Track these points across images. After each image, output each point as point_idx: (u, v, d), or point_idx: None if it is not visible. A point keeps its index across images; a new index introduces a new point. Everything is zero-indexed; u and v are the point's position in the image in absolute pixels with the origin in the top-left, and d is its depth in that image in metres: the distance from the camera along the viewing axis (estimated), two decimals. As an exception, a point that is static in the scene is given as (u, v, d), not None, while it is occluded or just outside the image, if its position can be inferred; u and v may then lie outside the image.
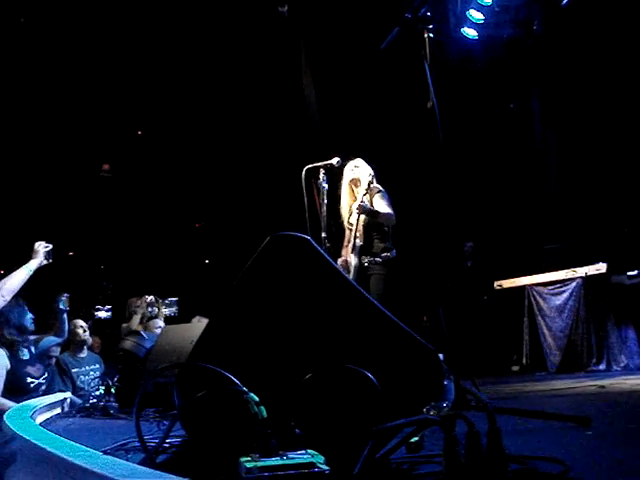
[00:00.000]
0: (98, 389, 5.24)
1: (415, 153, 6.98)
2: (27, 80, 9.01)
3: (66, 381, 6.60)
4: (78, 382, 6.68)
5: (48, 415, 4.55)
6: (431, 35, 3.81)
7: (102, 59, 9.74)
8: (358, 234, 5.93)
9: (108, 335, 8.67)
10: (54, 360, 6.84)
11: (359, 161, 6.18)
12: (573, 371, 7.32)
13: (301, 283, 2.09)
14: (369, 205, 5.86)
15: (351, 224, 6.02)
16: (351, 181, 6.14)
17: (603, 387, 5.29)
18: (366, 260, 5.96)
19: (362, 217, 5.90)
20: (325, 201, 5.99)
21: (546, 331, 7.88)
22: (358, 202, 5.86)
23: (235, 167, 10.95)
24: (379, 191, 6.02)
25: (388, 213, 5.90)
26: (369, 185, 5.86)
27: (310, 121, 9.30)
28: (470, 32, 9.44)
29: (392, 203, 6.03)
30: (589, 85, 9.16)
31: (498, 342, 8.75)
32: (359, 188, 5.98)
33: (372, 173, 5.91)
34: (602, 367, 7.29)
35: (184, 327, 5.78)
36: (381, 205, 5.92)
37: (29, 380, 5.84)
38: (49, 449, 2.02)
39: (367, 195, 5.87)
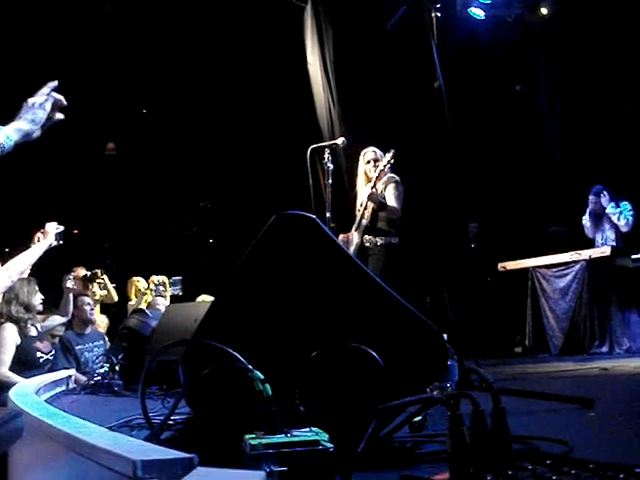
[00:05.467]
0: (102, 366, 5.27)
1: (421, 133, 6.97)
2: (31, 56, 8.97)
3: (70, 359, 6.63)
4: (82, 359, 6.71)
5: (53, 392, 4.56)
6: (438, 15, 3.79)
7: (108, 36, 9.70)
8: (366, 215, 6.01)
9: (113, 314, 8.70)
10: (57, 339, 6.88)
11: (378, 152, 6.24)
12: (575, 353, 7.34)
13: (306, 262, 2.09)
14: (380, 196, 5.93)
15: (362, 206, 6.10)
16: (368, 163, 6.18)
17: (606, 369, 5.30)
18: (367, 240, 6.02)
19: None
20: (330, 181, 6.03)
21: (549, 313, 7.89)
22: (369, 187, 5.94)
23: (241, 146, 10.92)
24: (395, 181, 6.08)
25: (394, 208, 6.01)
26: (382, 171, 5.91)
27: (315, 100, 9.26)
28: (477, 12, 9.38)
29: (404, 195, 6.09)
30: (595, 66, 9.11)
31: (501, 324, 8.77)
32: (375, 171, 6.03)
33: (390, 161, 5.92)
34: (604, 350, 7.31)
35: (188, 306, 5.80)
36: (391, 197, 6.03)
37: (39, 355, 5.90)
38: (54, 425, 2.03)
39: (380, 181, 5.94)
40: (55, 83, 2.56)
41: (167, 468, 1.35)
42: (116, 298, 8.81)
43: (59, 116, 2.60)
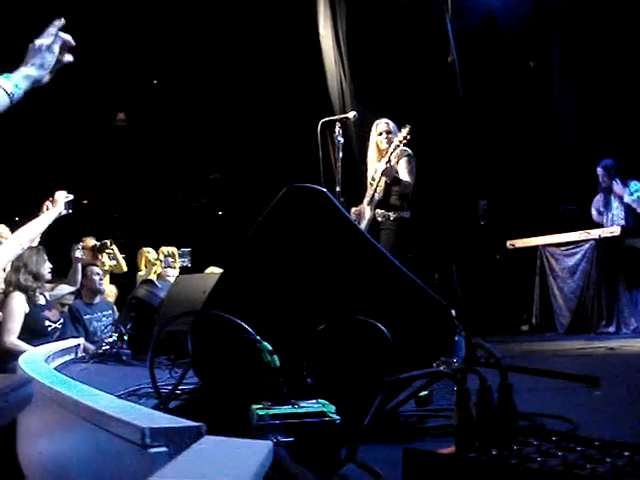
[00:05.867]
0: (111, 336, 5.30)
1: (433, 108, 6.92)
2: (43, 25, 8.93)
3: (78, 328, 6.67)
4: (90, 328, 6.76)
5: (61, 360, 4.60)
6: (453, -12, 3.75)
7: (120, 8, 9.65)
8: (379, 189, 6.01)
9: (122, 284, 8.74)
10: (66, 308, 6.93)
11: (391, 124, 6.20)
12: (582, 332, 7.34)
13: (316, 234, 2.09)
14: (393, 171, 5.92)
15: (374, 179, 6.09)
16: (380, 134, 6.16)
17: (612, 349, 5.31)
18: (380, 214, 6.02)
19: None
20: (340, 155, 6.02)
21: (557, 292, 7.88)
22: (384, 162, 5.92)
23: (251, 119, 10.89)
24: (407, 155, 6.07)
25: (407, 182, 6.02)
26: (397, 146, 5.89)
27: (327, 73, 9.21)
28: (492, -14, 9.29)
29: (416, 168, 6.08)
30: (610, 44, 9.01)
31: (509, 301, 8.76)
32: (389, 146, 6.01)
33: (406, 137, 5.89)
34: (612, 329, 7.31)
35: (197, 277, 5.81)
36: (404, 171, 6.02)
37: (47, 324, 5.94)
38: (64, 392, 2.05)
39: (394, 153, 5.92)
40: (62, 21, 2.37)
41: (175, 436, 1.36)
42: (125, 268, 8.86)
43: (68, 58, 2.43)
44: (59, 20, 2.39)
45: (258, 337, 1.79)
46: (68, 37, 2.41)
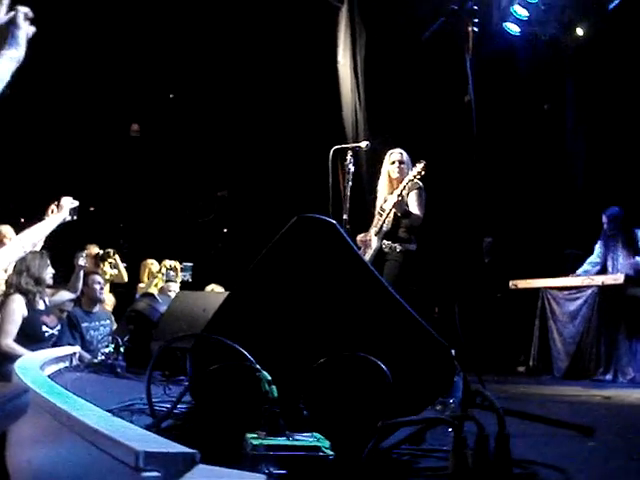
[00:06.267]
0: (107, 346, 5.29)
1: (446, 145, 6.95)
2: (63, 36, 9.00)
3: (75, 335, 6.66)
4: (87, 336, 6.74)
5: (56, 367, 4.59)
6: (475, 29, 3.78)
7: (146, 22, 9.75)
8: (388, 220, 6.01)
9: (121, 294, 8.74)
10: (65, 314, 6.92)
11: (404, 154, 6.22)
12: (579, 378, 7.29)
13: (323, 267, 2.10)
14: (404, 204, 5.91)
15: (383, 210, 6.09)
16: (392, 163, 6.18)
17: (609, 398, 5.28)
18: (387, 245, 6.03)
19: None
20: (350, 183, 6.05)
21: (556, 335, 7.86)
22: (395, 195, 5.92)
23: (264, 139, 10.93)
24: (418, 187, 6.06)
25: (417, 215, 6.02)
26: (410, 181, 5.89)
27: (342, 101, 9.27)
28: (513, 27, 9.36)
29: (425, 202, 6.09)
30: (625, 91, 9.06)
31: (507, 341, 8.73)
32: (400, 176, 6.04)
33: (420, 173, 5.88)
34: (609, 377, 7.26)
35: (197, 294, 5.82)
36: (414, 204, 6.02)
37: (44, 329, 5.93)
38: (59, 404, 2.04)
39: (405, 189, 5.92)
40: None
41: (169, 461, 1.35)
42: (126, 279, 8.86)
43: (31, 29, 2.46)
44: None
45: (258, 366, 1.79)
46: (26, 9, 2.48)
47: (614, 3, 8.87)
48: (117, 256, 8.55)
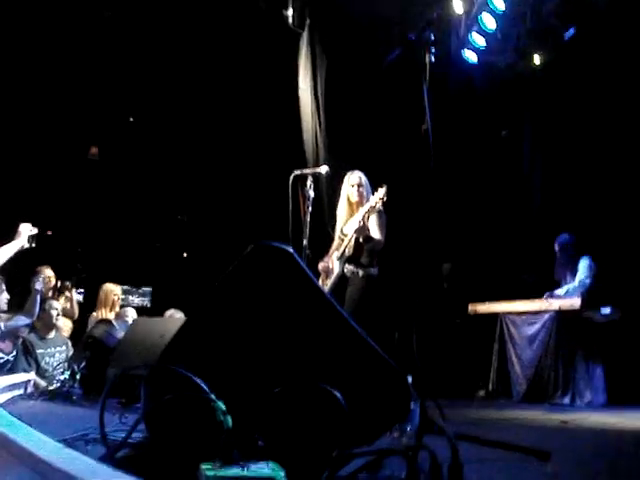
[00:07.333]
0: (63, 373, 5.22)
1: (405, 170, 7.01)
2: (19, 57, 8.93)
3: (30, 362, 6.55)
4: (42, 363, 6.63)
5: (10, 395, 4.51)
6: (432, 59, 3.84)
7: (107, 43, 9.71)
8: (350, 245, 6.03)
9: (78, 320, 8.58)
10: (20, 340, 6.80)
11: (363, 177, 6.26)
12: (537, 402, 7.35)
13: (280, 295, 2.09)
14: (365, 229, 5.93)
15: (345, 235, 6.11)
16: (352, 186, 6.22)
17: (565, 422, 5.32)
18: (349, 270, 6.05)
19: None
20: (310, 209, 6.05)
21: (515, 359, 7.92)
22: (357, 219, 5.94)
23: (225, 165, 10.91)
24: (378, 211, 6.08)
25: (379, 240, 6.07)
26: (372, 207, 5.91)
27: (303, 125, 9.32)
28: (470, 56, 9.49)
29: (386, 225, 6.12)
30: (581, 119, 9.24)
31: (467, 366, 8.77)
32: (359, 199, 6.08)
33: (382, 199, 5.91)
34: (566, 401, 7.33)
35: (155, 321, 5.78)
36: (375, 228, 6.05)
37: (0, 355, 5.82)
38: (10, 435, 2.01)
39: (367, 214, 5.95)
40: None
41: (120, 495, 1.33)
42: (76, 316, 8.62)
43: None
44: None
45: (213, 396, 1.77)
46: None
47: (570, 33, 9.07)
48: (74, 291, 8.42)
